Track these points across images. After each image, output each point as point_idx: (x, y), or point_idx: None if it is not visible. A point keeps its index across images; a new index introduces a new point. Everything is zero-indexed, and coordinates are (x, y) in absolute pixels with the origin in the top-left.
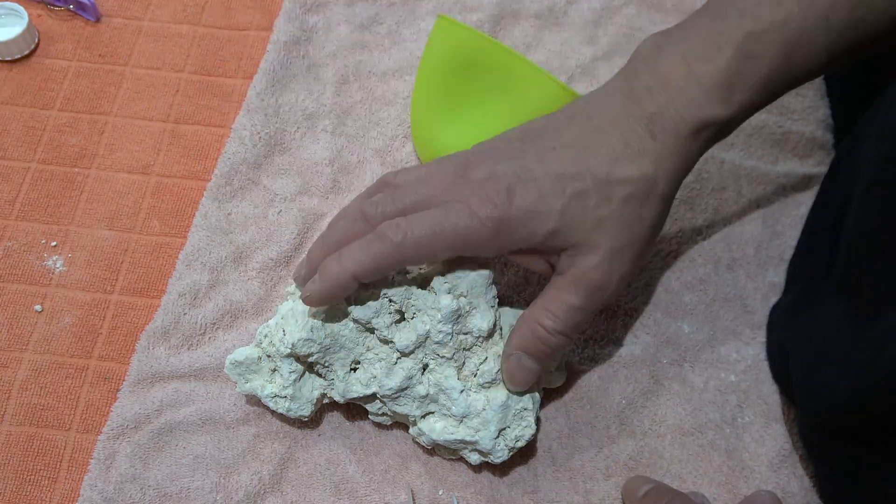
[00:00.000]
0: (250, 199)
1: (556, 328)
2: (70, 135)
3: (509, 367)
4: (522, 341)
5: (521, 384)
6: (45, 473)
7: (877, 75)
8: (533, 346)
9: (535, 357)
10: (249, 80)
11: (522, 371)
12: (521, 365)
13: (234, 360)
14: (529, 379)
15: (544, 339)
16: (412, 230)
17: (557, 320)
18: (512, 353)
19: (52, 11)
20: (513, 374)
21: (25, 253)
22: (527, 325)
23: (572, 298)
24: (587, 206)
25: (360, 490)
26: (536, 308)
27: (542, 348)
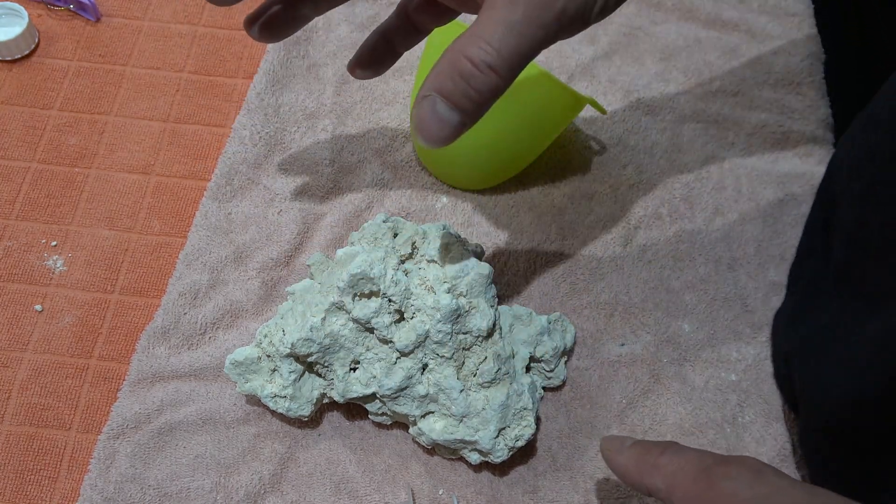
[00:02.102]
0: (250, 198)
1: (486, 59)
2: (70, 135)
3: (420, 113)
4: (440, 80)
5: (432, 137)
6: (45, 473)
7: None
8: (452, 86)
9: (455, 101)
10: (249, 79)
11: (436, 119)
12: (435, 111)
13: (234, 360)
14: (443, 132)
15: (469, 74)
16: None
17: (488, 48)
18: (426, 94)
19: (52, 11)
20: (423, 121)
21: (25, 253)
22: (447, 58)
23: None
24: None
25: (360, 490)
26: (462, 37)
27: (465, 88)
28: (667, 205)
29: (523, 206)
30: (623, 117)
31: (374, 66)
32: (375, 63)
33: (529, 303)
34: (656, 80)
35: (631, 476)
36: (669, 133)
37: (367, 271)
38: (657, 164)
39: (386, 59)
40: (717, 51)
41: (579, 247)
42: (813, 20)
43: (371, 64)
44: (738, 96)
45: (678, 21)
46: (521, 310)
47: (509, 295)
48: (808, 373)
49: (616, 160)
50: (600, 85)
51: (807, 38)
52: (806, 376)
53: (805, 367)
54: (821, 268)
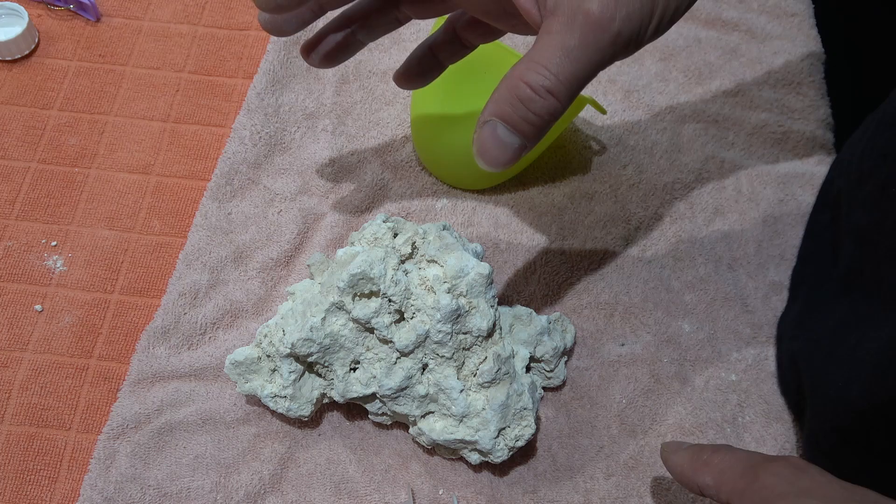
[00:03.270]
0: (250, 198)
1: (544, 84)
2: (70, 135)
3: (481, 137)
4: (499, 105)
5: (494, 161)
6: (45, 473)
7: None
8: (513, 111)
9: (515, 126)
10: (249, 79)
11: (497, 144)
12: (496, 136)
13: (234, 360)
14: (504, 156)
15: (529, 100)
16: None
17: (546, 73)
18: (487, 120)
19: (52, 11)
20: (484, 145)
21: (25, 253)
22: (506, 85)
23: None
24: None
25: (360, 490)
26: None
27: (525, 114)
28: (667, 205)
29: (523, 206)
30: (623, 117)
31: (419, 78)
32: (421, 75)
33: (529, 303)
34: (656, 80)
35: (685, 474)
36: (669, 133)
37: (367, 271)
38: (657, 164)
39: (432, 71)
40: (717, 51)
41: (579, 247)
42: (813, 20)
43: (417, 76)
44: (738, 96)
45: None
46: (521, 310)
47: (509, 295)
48: (819, 375)
49: (616, 160)
50: (600, 85)
51: (807, 38)
52: (816, 378)
53: (815, 370)
54: (826, 271)
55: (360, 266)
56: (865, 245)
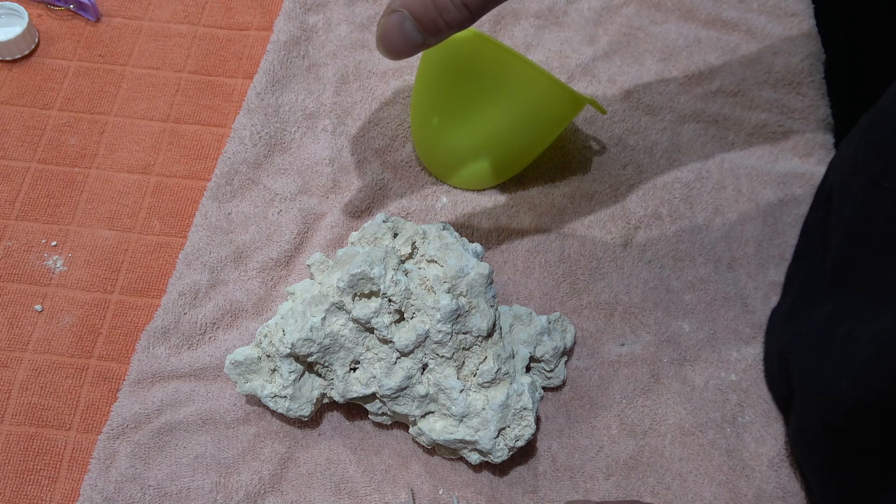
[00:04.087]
0: (250, 198)
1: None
2: (70, 135)
3: (387, 25)
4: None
5: (393, 51)
6: (45, 473)
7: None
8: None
9: (423, 26)
10: (249, 79)
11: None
12: (402, 27)
13: (234, 360)
14: (405, 49)
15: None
16: None
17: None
18: (397, 9)
19: (52, 11)
20: (388, 33)
21: (25, 253)
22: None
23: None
24: None
25: (360, 490)
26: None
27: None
28: (667, 205)
29: (523, 206)
30: (623, 117)
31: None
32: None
33: (529, 303)
34: (656, 80)
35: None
36: (669, 133)
37: (367, 271)
38: (657, 164)
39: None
40: (717, 51)
41: (579, 247)
42: (813, 20)
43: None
44: (738, 96)
45: (678, 21)
46: (521, 310)
47: (509, 295)
48: (807, 369)
49: (616, 160)
50: (600, 85)
51: (807, 38)
52: (804, 373)
53: (803, 364)
54: (818, 266)
55: (360, 266)
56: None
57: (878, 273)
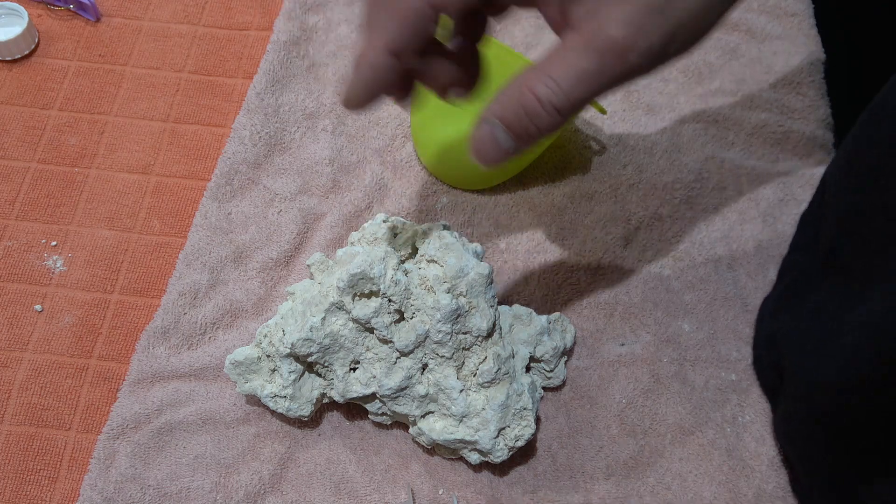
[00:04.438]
0: (250, 198)
1: (552, 100)
2: (70, 135)
3: (478, 135)
4: (504, 109)
5: (486, 159)
6: (45, 473)
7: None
8: (516, 118)
9: (515, 132)
10: (249, 79)
11: (493, 145)
12: (494, 137)
13: (233, 360)
14: (498, 157)
15: (533, 112)
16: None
17: (557, 89)
18: (488, 119)
19: (52, 11)
20: (480, 144)
21: (25, 253)
22: (514, 91)
23: (582, 60)
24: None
25: (360, 490)
26: (532, 71)
27: (527, 124)
28: (667, 205)
29: (523, 206)
30: (623, 117)
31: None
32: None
33: (529, 303)
34: (656, 80)
35: None
36: (669, 133)
37: (367, 271)
38: (657, 164)
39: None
40: (717, 51)
41: (579, 247)
42: (813, 20)
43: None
44: (738, 96)
45: None
46: (521, 310)
47: (509, 295)
48: (796, 356)
49: (616, 160)
50: None
51: (807, 38)
52: (793, 360)
53: (792, 351)
54: (811, 258)
55: (360, 266)
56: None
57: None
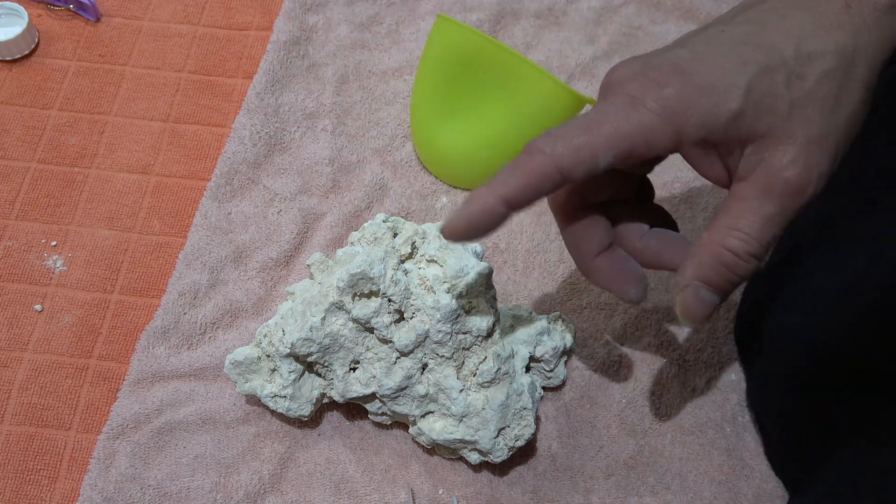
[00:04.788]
0: (250, 198)
1: (748, 249)
2: (70, 135)
3: (685, 300)
4: (702, 270)
5: (698, 319)
6: (45, 473)
7: None
8: (716, 275)
9: (719, 287)
10: (249, 79)
11: (701, 305)
12: (700, 297)
13: (233, 359)
14: (707, 312)
15: (732, 265)
16: (566, 135)
17: (749, 239)
18: (689, 283)
19: (52, 11)
20: (689, 307)
21: (25, 253)
22: (707, 251)
23: (764, 206)
24: (776, 83)
25: (360, 489)
26: (718, 228)
27: (728, 276)
28: (667, 205)
29: None
30: None
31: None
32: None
33: (529, 303)
34: None
35: None
36: None
37: (367, 271)
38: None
39: None
40: None
41: None
42: None
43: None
44: None
45: (678, 21)
46: (521, 310)
47: (509, 295)
48: (777, 318)
49: None
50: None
51: None
52: (775, 322)
53: (775, 313)
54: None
55: (360, 266)
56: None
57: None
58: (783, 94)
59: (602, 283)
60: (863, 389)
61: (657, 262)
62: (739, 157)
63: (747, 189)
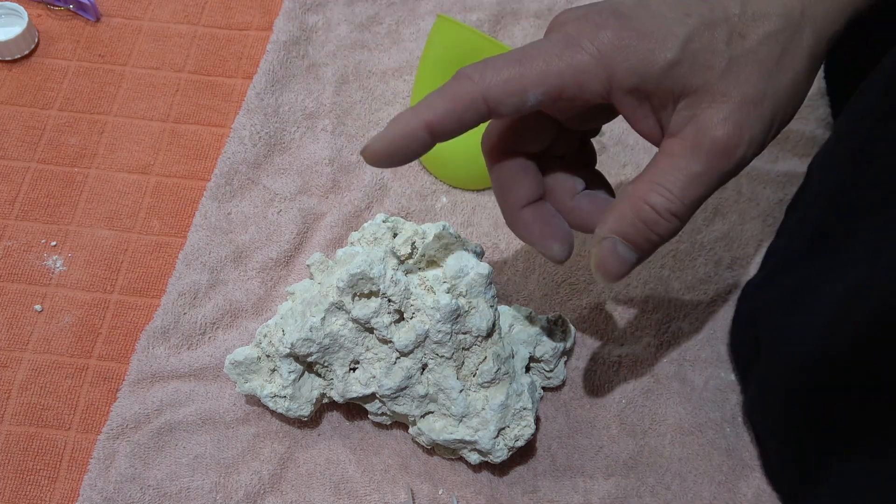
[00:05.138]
0: (250, 198)
1: (669, 207)
2: (70, 135)
3: (601, 253)
4: (621, 223)
5: (613, 275)
6: (45, 473)
7: None
8: (635, 231)
9: (636, 244)
10: (249, 79)
11: (616, 260)
12: (616, 252)
13: (233, 360)
14: (623, 270)
15: (652, 221)
16: (496, 65)
17: (671, 196)
18: (607, 236)
19: (52, 11)
20: (604, 261)
21: (25, 253)
22: (628, 204)
23: (690, 164)
24: (716, 39)
25: (359, 490)
26: (642, 182)
27: (647, 234)
28: None
29: None
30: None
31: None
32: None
33: (529, 303)
34: None
35: None
36: None
37: (367, 271)
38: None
39: None
40: None
41: (579, 247)
42: None
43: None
44: None
45: None
46: (521, 310)
47: (509, 295)
48: (775, 331)
49: (616, 160)
50: None
51: None
52: (772, 334)
53: (772, 326)
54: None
55: (360, 266)
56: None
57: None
58: (722, 51)
59: (526, 236)
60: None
61: (586, 224)
62: (672, 111)
63: (676, 145)
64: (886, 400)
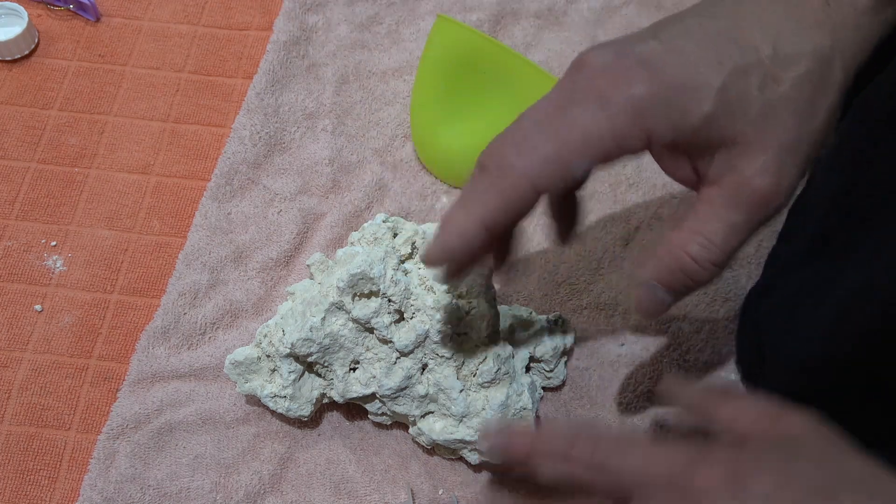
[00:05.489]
0: (250, 198)
1: (709, 257)
2: (70, 135)
3: (640, 296)
4: (660, 272)
5: (651, 315)
6: (45, 473)
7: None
8: (673, 279)
9: (674, 290)
10: (249, 79)
11: (655, 303)
12: (655, 297)
13: (233, 360)
14: (661, 311)
15: (691, 271)
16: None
17: (711, 246)
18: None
19: (52, 11)
20: (643, 304)
21: (25, 253)
22: (669, 253)
23: (731, 214)
24: (750, 85)
25: (359, 490)
26: (682, 231)
27: (685, 282)
28: (667, 205)
29: None
30: None
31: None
32: None
33: (529, 303)
34: None
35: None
36: None
37: (367, 271)
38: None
39: None
40: None
41: (579, 247)
42: None
43: None
44: None
45: None
46: (521, 310)
47: (509, 295)
48: (778, 336)
49: None
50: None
51: None
52: (776, 340)
53: (775, 332)
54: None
55: (360, 266)
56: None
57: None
58: (756, 97)
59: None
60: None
61: None
62: (710, 160)
63: (715, 194)
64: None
